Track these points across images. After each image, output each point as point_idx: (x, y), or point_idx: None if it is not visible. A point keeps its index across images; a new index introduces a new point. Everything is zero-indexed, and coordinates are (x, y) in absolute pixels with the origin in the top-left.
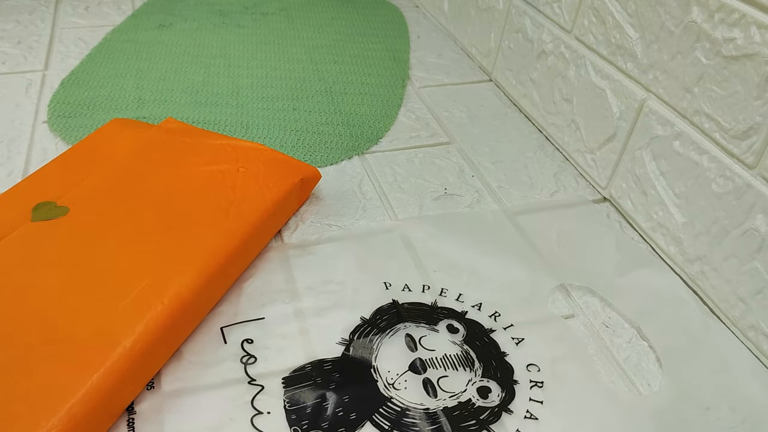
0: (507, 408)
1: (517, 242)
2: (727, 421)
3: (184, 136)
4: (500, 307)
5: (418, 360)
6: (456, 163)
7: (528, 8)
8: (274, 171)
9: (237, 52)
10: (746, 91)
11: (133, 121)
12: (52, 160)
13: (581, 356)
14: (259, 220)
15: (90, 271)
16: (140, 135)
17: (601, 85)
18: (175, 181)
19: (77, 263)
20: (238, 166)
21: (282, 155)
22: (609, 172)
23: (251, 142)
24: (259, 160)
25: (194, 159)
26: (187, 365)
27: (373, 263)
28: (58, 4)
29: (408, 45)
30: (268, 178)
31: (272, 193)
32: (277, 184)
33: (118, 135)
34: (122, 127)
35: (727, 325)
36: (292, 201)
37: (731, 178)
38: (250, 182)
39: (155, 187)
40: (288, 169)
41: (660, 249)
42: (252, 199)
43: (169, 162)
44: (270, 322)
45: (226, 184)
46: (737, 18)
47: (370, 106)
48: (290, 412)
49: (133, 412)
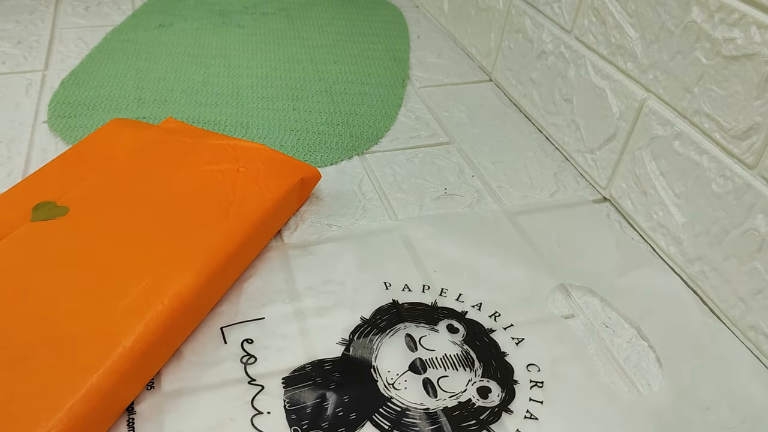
0: (507, 408)
1: (517, 242)
2: (727, 421)
3: (184, 136)
4: (500, 307)
5: (418, 360)
6: (456, 163)
7: (528, 8)
8: (274, 171)
9: (237, 52)
10: (746, 91)
11: (133, 121)
12: (52, 160)
13: (581, 356)
14: (259, 220)
15: (90, 271)
16: (140, 135)
17: (601, 85)
18: (175, 181)
19: (77, 263)
20: (238, 166)
21: (282, 155)
22: (609, 172)
23: (251, 142)
24: (259, 160)
25: (194, 159)
26: (187, 365)
27: (373, 263)
28: (58, 4)
29: (408, 45)
30: (268, 178)
31: (272, 193)
32: (277, 184)
33: (118, 135)
34: (122, 127)
35: (727, 325)
36: (292, 201)
37: (731, 178)
38: (250, 182)
39: (155, 187)
40: (288, 169)
41: (660, 249)
42: (252, 199)
43: (169, 162)
44: (270, 322)
45: (226, 184)
46: (737, 18)
47: (370, 106)
48: (290, 412)
49: (133, 412)
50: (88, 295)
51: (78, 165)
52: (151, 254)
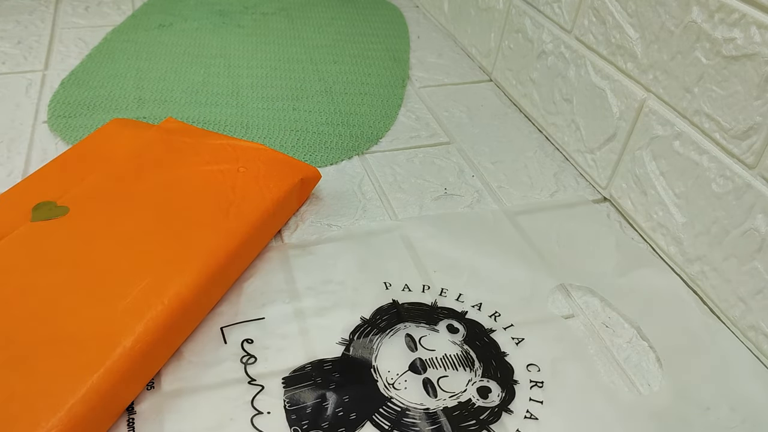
0: (507, 408)
1: (517, 242)
2: (727, 421)
3: (184, 135)
4: (500, 307)
5: (418, 360)
6: (456, 163)
7: (528, 8)
8: (274, 171)
9: (237, 52)
10: (746, 91)
11: (133, 121)
12: (52, 160)
13: (581, 356)
14: (259, 220)
15: (90, 271)
16: (140, 135)
17: (601, 85)
18: (175, 181)
19: (77, 263)
20: (238, 166)
21: (282, 155)
22: (609, 172)
23: (251, 142)
24: (259, 160)
25: (194, 159)
26: (187, 365)
27: (373, 263)
28: (58, 4)
29: (408, 45)
30: (268, 178)
31: (272, 193)
32: (277, 184)
33: (118, 135)
34: (122, 127)
35: (727, 325)
36: (292, 201)
37: (731, 178)
38: (250, 182)
39: (155, 187)
40: (288, 169)
41: (660, 249)
42: (252, 199)
43: (169, 162)
44: (270, 322)
45: (226, 184)
46: (737, 18)
47: (371, 106)
48: (290, 412)
49: (133, 412)
50: (88, 295)
51: (78, 165)
52: (151, 254)
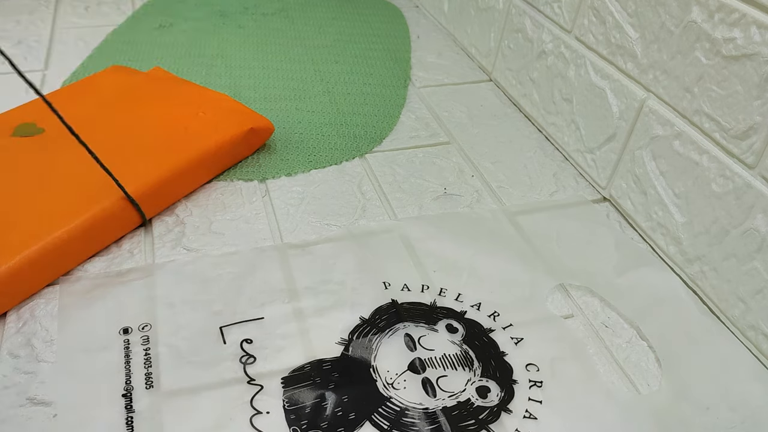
0: (506, 408)
1: (517, 242)
2: (726, 421)
3: (165, 82)
4: (499, 307)
5: (418, 360)
6: (456, 163)
7: (528, 8)
8: (227, 117)
9: (237, 52)
10: (746, 91)
11: (127, 69)
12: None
13: (580, 356)
14: (198, 156)
15: (56, 175)
16: (127, 80)
17: (601, 85)
18: (141, 117)
19: (43, 172)
20: (199, 111)
21: (241, 106)
22: (609, 172)
23: (218, 93)
24: (219, 107)
25: (164, 102)
26: (186, 365)
27: (373, 263)
28: (58, 4)
29: (408, 45)
30: (219, 123)
31: (218, 136)
32: (227, 129)
33: (108, 78)
34: (116, 72)
35: (727, 325)
36: (239, 146)
37: (731, 178)
38: (204, 125)
39: (123, 120)
40: (241, 118)
41: (660, 249)
42: (199, 138)
43: (143, 101)
44: (269, 321)
45: (182, 123)
46: (737, 18)
47: (372, 107)
48: (289, 412)
49: (132, 411)
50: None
51: (67, 98)
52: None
